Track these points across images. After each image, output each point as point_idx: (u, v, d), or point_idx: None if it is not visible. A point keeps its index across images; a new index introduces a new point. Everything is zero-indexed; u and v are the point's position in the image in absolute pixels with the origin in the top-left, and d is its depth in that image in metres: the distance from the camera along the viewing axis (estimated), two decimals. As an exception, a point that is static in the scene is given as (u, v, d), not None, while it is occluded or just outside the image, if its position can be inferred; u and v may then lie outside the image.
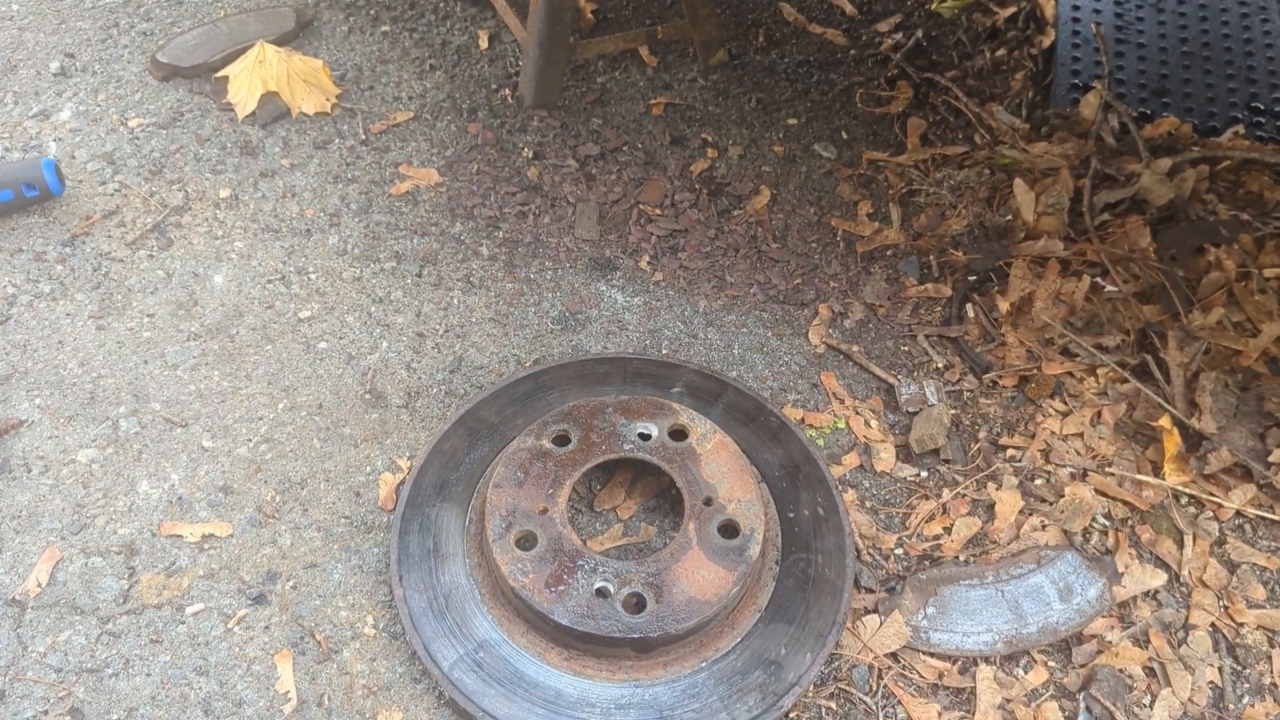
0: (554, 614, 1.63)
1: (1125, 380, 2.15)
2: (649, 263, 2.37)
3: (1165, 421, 2.05)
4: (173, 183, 2.41)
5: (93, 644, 1.73)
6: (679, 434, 1.88)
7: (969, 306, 2.31)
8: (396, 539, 1.80)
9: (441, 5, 2.95)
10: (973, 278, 2.35)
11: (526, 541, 1.72)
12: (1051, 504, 1.97)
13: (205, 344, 2.13)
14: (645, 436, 1.86)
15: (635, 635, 1.63)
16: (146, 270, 2.24)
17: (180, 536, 1.85)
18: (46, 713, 1.65)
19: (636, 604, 1.66)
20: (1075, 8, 3.02)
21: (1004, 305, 2.29)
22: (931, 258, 2.41)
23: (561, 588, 1.65)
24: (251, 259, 2.28)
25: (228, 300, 2.21)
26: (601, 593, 1.67)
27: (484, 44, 2.86)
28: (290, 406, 2.05)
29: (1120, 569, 1.87)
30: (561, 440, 1.86)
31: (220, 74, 2.60)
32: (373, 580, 1.83)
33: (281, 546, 1.86)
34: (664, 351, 2.19)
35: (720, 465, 1.82)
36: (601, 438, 1.85)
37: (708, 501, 1.77)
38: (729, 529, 1.75)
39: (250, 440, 2.00)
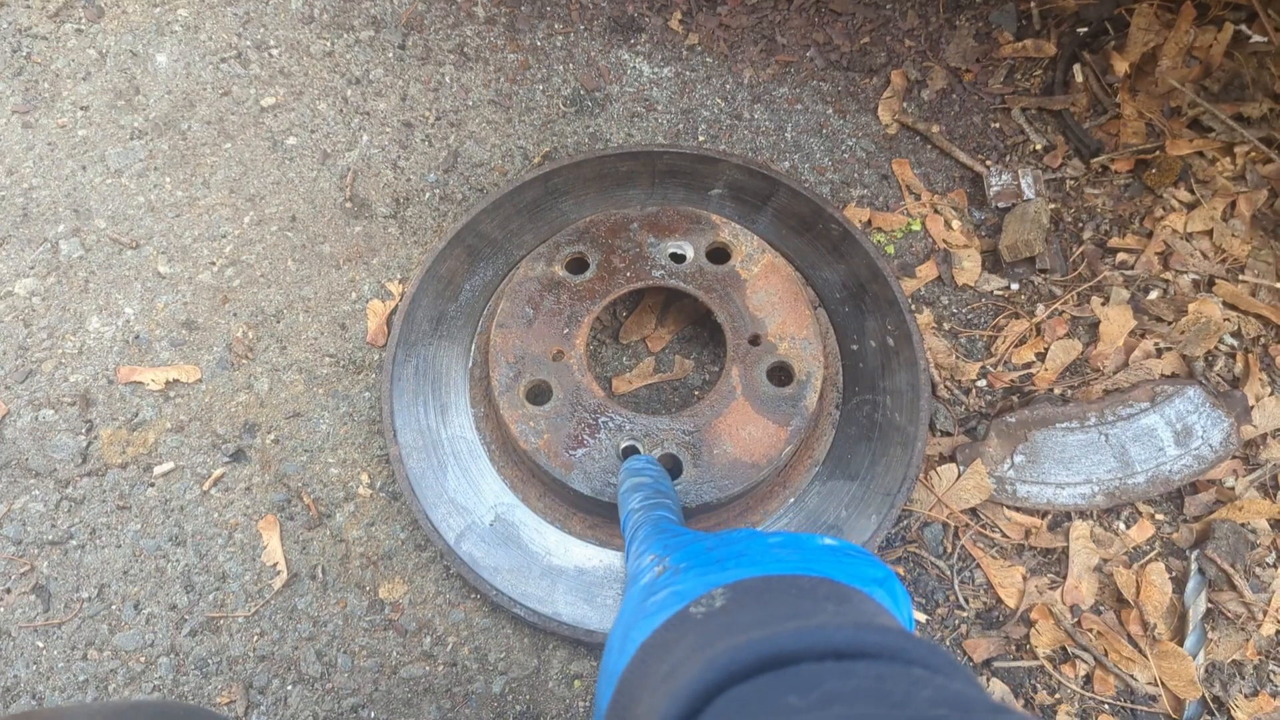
0: (573, 482, 1.37)
1: (1269, 160, 1.75)
2: (681, 22, 1.92)
3: (1318, 215, 1.68)
4: (96, -66, 1.96)
5: (52, 511, 1.52)
6: (720, 254, 1.54)
7: (1077, 69, 1.87)
8: (390, 385, 1.53)
9: None
10: (1083, 30, 1.89)
11: (539, 393, 1.44)
12: (1170, 323, 1.64)
13: (152, 143, 1.78)
14: (678, 258, 1.52)
15: (670, 506, 1.37)
16: (75, 49, 1.85)
17: (141, 383, 1.60)
18: (9, 590, 1.47)
19: (671, 468, 1.39)
20: None
21: (1121, 65, 1.84)
22: (1032, 4, 1.93)
23: (582, 450, 1.39)
24: (199, 32, 1.88)
25: (175, 86, 1.83)
26: (629, 455, 1.40)
27: None
28: (258, 220, 1.73)
29: (1250, 401, 1.57)
30: (578, 265, 1.53)
31: None
32: (365, 430, 1.58)
33: (258, 393, 1.61)
34: (700, 139, 1.80)
35: (770, 293, 1.49)
36: (625, 261, 1.51)
37: (754, 340, 1.46)
38: (780, 373, 1.45)
39: (214, 263, 1.69)
